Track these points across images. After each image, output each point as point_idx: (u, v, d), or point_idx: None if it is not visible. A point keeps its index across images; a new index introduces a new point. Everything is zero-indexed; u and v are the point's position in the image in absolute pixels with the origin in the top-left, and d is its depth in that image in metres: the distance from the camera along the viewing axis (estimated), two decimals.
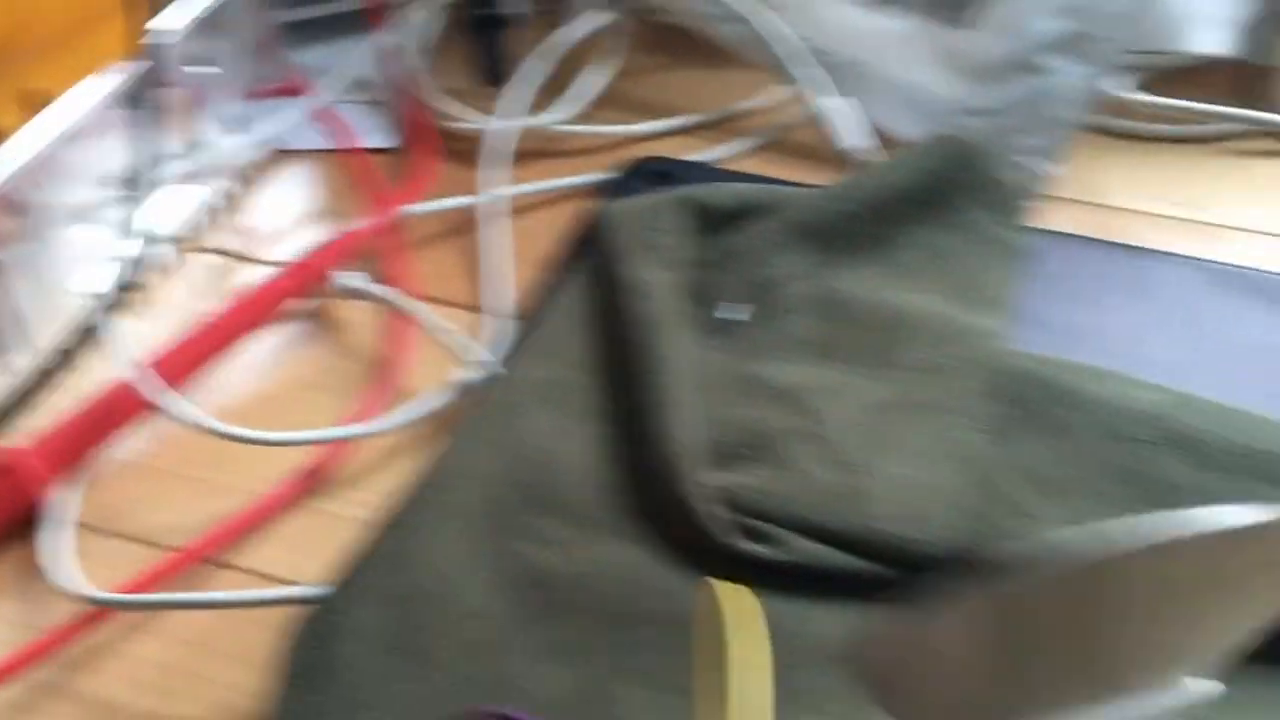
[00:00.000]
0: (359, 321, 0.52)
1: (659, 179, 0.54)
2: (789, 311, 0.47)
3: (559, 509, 0.41)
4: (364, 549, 0.39)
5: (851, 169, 0.56)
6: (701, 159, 0.59)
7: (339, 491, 0.45)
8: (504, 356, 0.47)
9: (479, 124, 0.61)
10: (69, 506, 0.44)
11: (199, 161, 0.56)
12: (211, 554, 0.43)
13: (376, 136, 0.62)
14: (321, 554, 0.41)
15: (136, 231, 0.52)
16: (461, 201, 0.57)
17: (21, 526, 0.43)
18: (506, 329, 0.50)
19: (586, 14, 0.66)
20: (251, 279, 0.53)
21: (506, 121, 0.60)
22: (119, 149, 0.51)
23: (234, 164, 0.59)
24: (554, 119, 0.61)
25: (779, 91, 0.62)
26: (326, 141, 0.62)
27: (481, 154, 0.59)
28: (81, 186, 0.50)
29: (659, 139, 0.62)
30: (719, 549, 0.39)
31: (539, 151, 0.61)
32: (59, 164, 0.47)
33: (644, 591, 0.39)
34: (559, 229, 0.54)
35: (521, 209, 0.58)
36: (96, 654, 0.40)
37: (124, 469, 0.46)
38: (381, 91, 0.64)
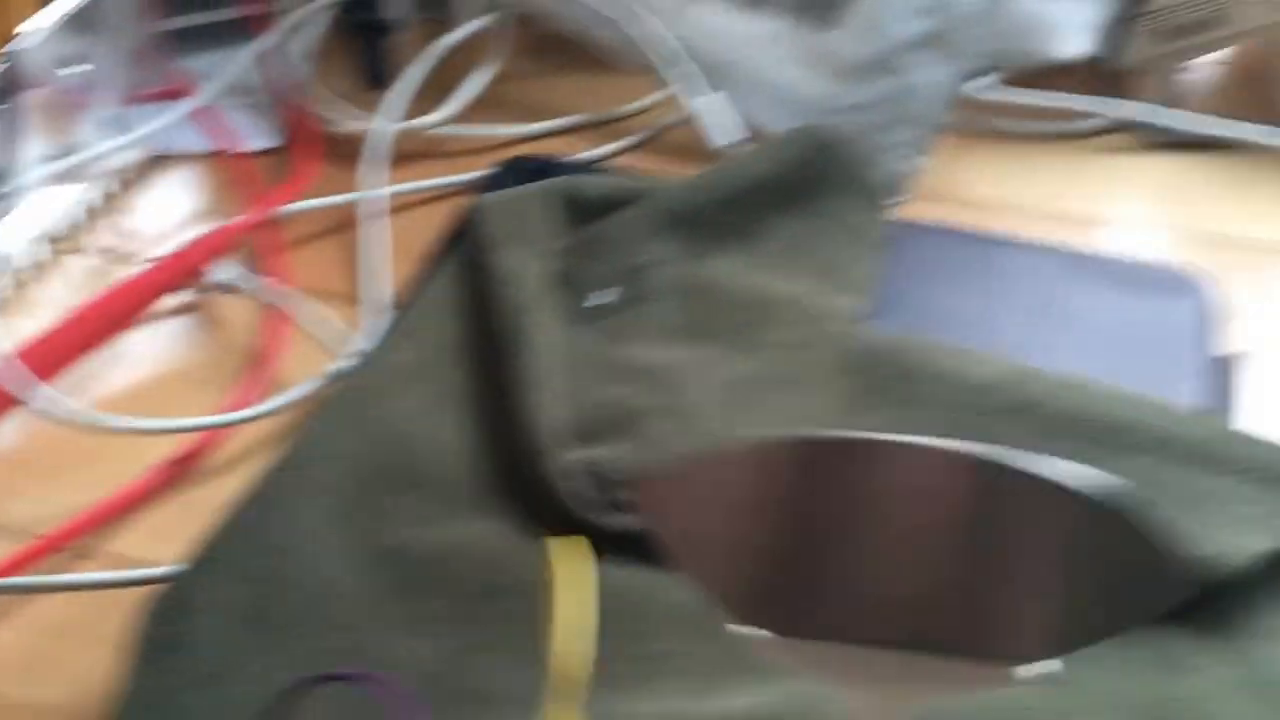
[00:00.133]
0: (235, 316, 0.53)
1: (533, 176, 0.55)
2: (655, 297, 0.48)
3: (423, 488, 0.41)
4: (220, 525, 0.39)
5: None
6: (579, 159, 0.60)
7: (210, 480, 0.46)
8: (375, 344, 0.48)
9: (361, 126, 0.61)
10: None
11: (75, 163, 0.56)
12: (73, 541, 0.43)
13: (258, 139, 0.63)
14: (188, 540, 0.41)
15: (6, 231, 0.52)
16: (341, 199, 0.58)
17: None
18: (383, 322, 0.50)
19: (469, 19, 0.67)
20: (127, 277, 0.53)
21: (387, 123, 0.61)
22: None
23: (112, 166, 0.59)
24: (435, 120, 0.62)
25: (657, 94, 0.63)
26: (207, 144, 0.62)
27: (362, 154, 0.60)
28: None
29: (539, 140, 0.63)
30: (580, 522, 0.40)
31: (421, 153, 0.62)
32: None
33: (505, 565, 0.39)
34: (437, 226, 0.55)
35: (401, 207, 0.58)
36: None
37: None
38: (264, 95, 0.65)
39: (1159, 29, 0.62)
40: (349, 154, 0.60)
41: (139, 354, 0.51)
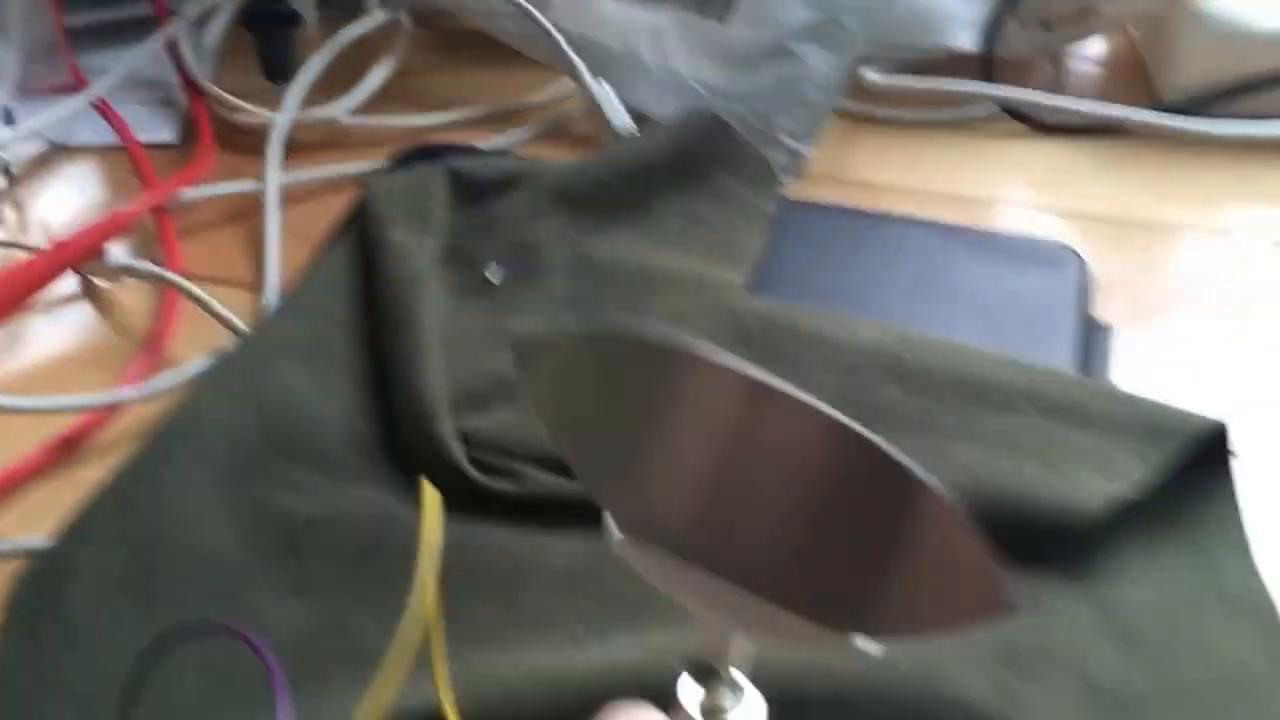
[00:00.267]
0: (131, 300, 0.53)
1: (430, 163, 0.55)
2: (546, 272, 0.49)
3: (308, 456, 0.42)
4: (97, 494, 0.39)
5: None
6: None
7: (98, 459, 0.45)
8: None
9: (262, 117, 0.62)
10: None
11: None
12: None
13: (158, 131, 0.63)
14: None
15: None
16: (238, 187, 0.58)
17: None
18: (277, 304, 0.51)
19: (372, 12, 0.67)
20: None
21: (287, 114, 0.61)
22: None
23: (9, 157, 0.59)
24: (337, 111, 0.63)
25: (558, 85, 0.65)
26: (106, 137, 0.62)
27: (263, 145, 0.60)
28: None
29: (441, 131, 0.63)
30: (462, 487, 0.41)
31: (323, 143, 0.62)
32: None
33: (389, 530, 0.40)
34: (336, 214, 0.56)
35: (302, 196, 0.59)
36: None
37: None
38: (165, 88, 0.65)
39: (1036, 20, 0.64)
40: (251, 145, 0.61)
41: (33, 336, 0.51)
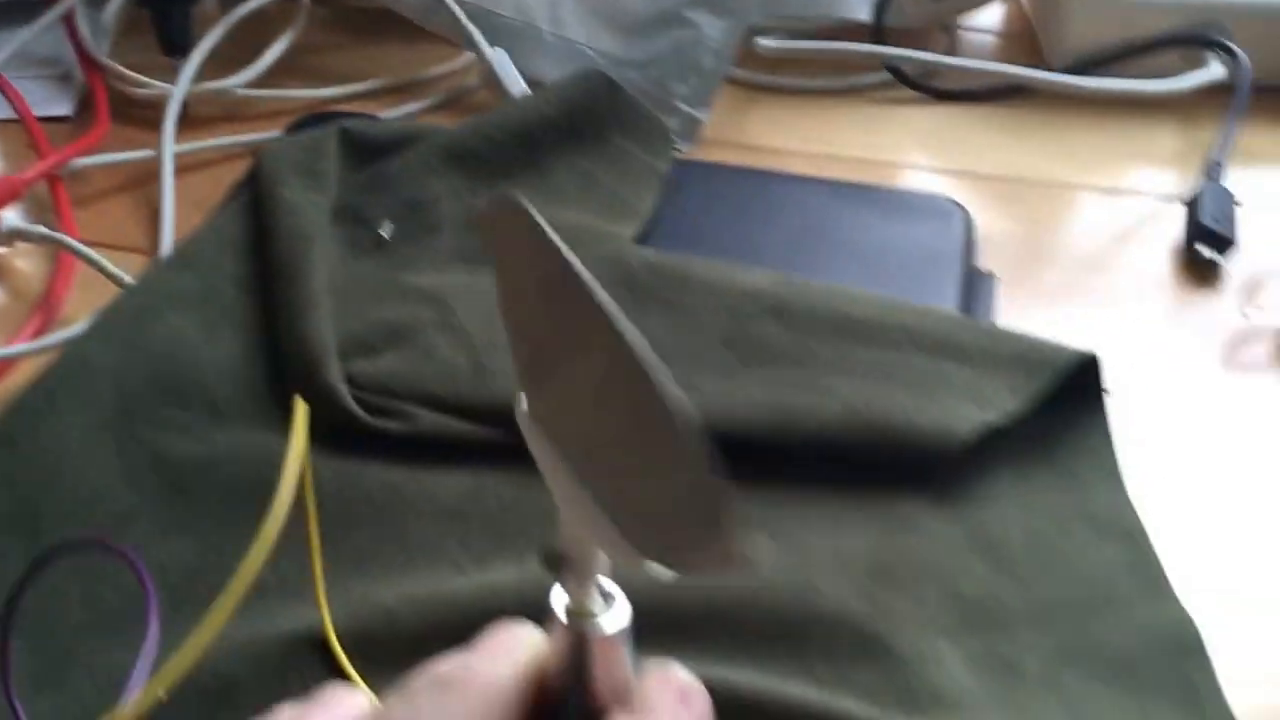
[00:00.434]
0: (23, 264, 0.53)
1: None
2: (438, 228, 0.49)
3: (196, 401, 0.42)
4: None
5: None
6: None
7: None
8: None
9: (158, 90, 0.62)
10: None
11: None
12: None
13: (54, 106, 0.63)
14: None
15: None
16: (132, 155, 0.58)
17: None
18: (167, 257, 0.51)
19: None
20: None
21: (183, 85, 0.61)
22: None
23: None
24: (233, 84, 0.63)
25: (456, 58, 0.65)
26: (2, 111, 0.62)
27: (161, 118, 0.60)
28: None
29: (340, 103, 0.64)
30: (348, 427, 0.41)
31: (223, 116, 0.63)
32: None
33: (275, 468, 0.40)
34: (231, 182, 0.56)
35: (197, 165, 0.59)
36: None
37: None
38: (63, 64, 0.65)
39: None
40: (149, 119, 0.61)
41: None
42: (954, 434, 0.40)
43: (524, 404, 0.26)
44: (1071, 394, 0.43)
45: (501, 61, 0.60)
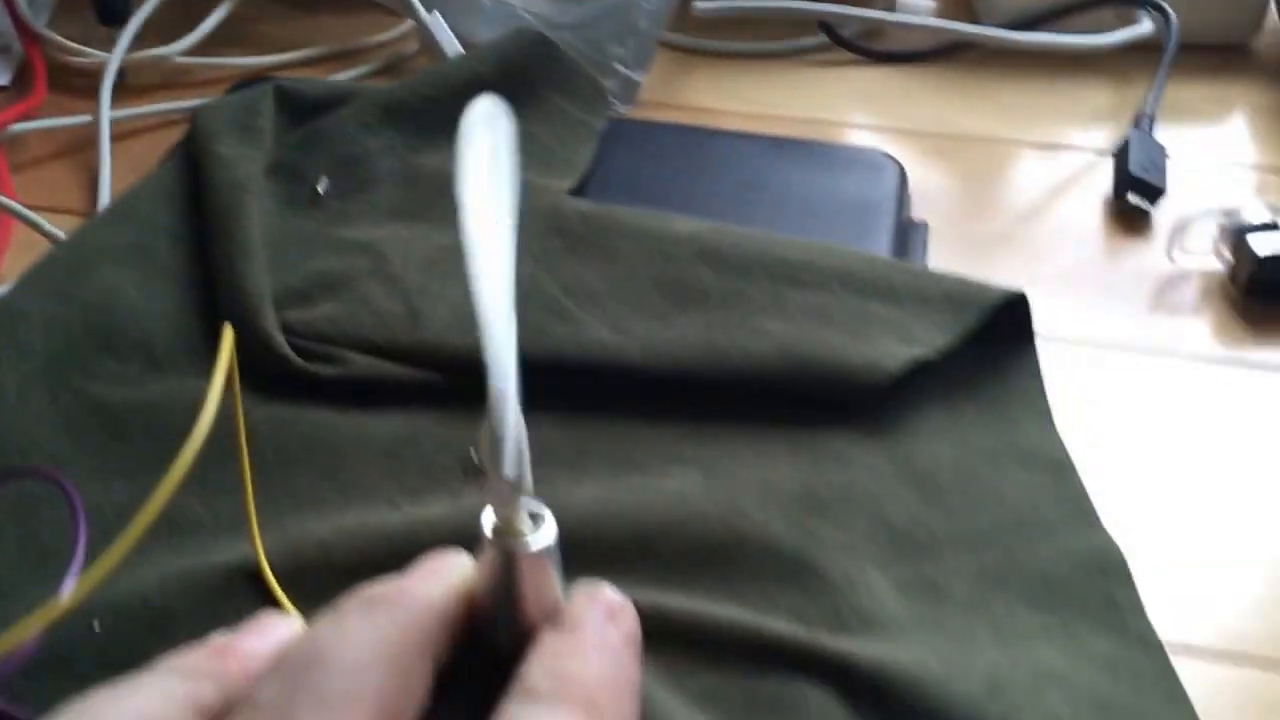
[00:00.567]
0: None
1: None
2: (374, 184, 0.49)
3: (131, 351, 0.42)
4: None
5: None
6: None
7: None
8: None
9: (96, 58, 0.62)
10: None
11: None
12: None
13: None
14: None
15: None
16: (72, 120, 0.58)
17: None
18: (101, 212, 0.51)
19: None
20: None
21: (120, 52, 0.61)
22: None
23: None
24: (172, 51, 0.63)
25: (397, 24, 0.65)
26: None
27: (98, 84, 0.60)
28: None
29: (279, 70, 0.64)
30: (284, 373, 0.41)
31: (162, 84, 0.63)
32: None
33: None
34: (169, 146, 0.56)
35: (135, 131, 0.59)
36: None
37: None
38: (1, 36, 0.65)
39: None
40: (88, 87, 0.60)
41: None
42: (883, 369, 0.40)
43: None
44: (1001, 334, 0.44)
45: (438, 26, 0.60)
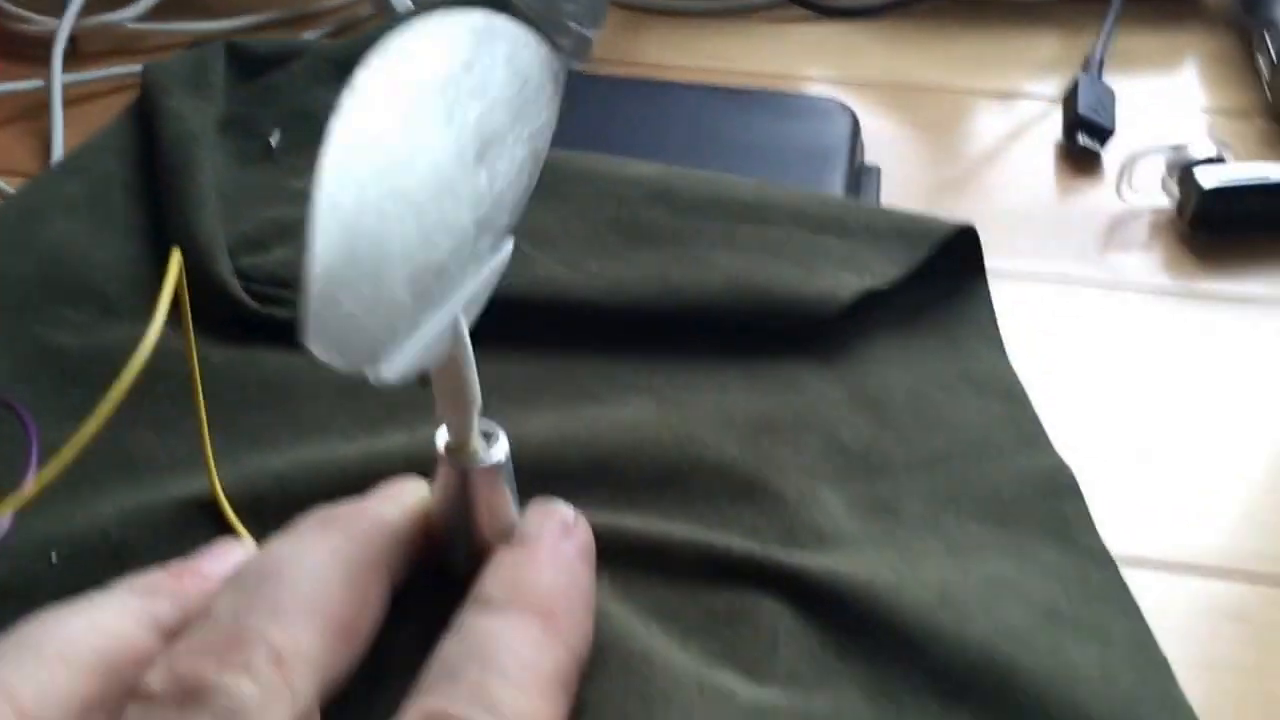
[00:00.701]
0: None
1: None
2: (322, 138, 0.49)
3: (85, 299, 0.42)
4: None
5: None
6: None
7: None
8: None
9: (46, 25, 0.61)
10: None
11: None
12: None
13: None
14: None
15: None
16: (23, 86, 0.58)
17: None
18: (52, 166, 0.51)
19: None
20: None
21: (71, 16, 0.61)
22: None
23: None
24: (123, 17, 0.62)
25: None
26: None
27: (50, 52, 0.60)
28: None
29: (232, 35, 0.63)
30: (239, 317, 0.41)
31: (115, 50, 0.63)
32: None
33: (166, 359, 0.40)
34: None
35: (88, 96, 0.59)
36: None
37: None
38: None
39: None
40: (40, 56, 0.60)
41: None
42: (834, 299, 0.40)
43: None
44: (953, 267, 0.44)
45: None
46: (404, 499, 0.31)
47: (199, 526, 0.34)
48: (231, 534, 0.33)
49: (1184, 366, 0.43)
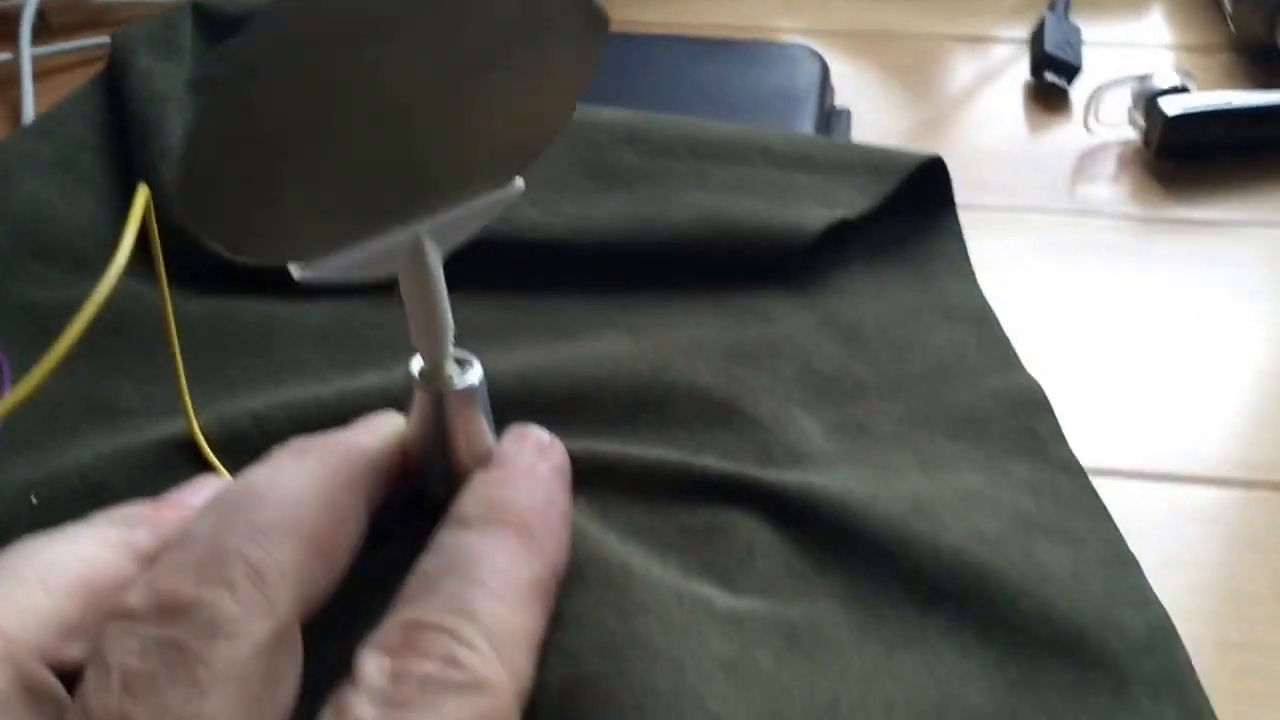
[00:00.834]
0: None
1: None
2: None
3: (58, 256, 0.42)
4: None
5: None
6: None
7: None
8: None
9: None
10: None
11: None
12: None
13: None
14: None
15: None
16: None
17: None
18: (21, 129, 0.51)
19: None
20: None
21: None
22: None
23: None
24: None
25: None
26: None
27: (18, 23, 0.60)
28: None
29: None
30: (215, 266, 0.41)
31: (83, 23, 0.63)
32: None
33: (139, 308, 0.40)
34: None
35: (57, 68, 0.59)
36: None
37: None
38: None
39: None
40: (8, 31, 0.60)
41: None
42: (804, 230, 0.41)
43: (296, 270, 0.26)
44: (922, 200, 0.45)
45: None
46: (380, 429, 0.31)
47: (177, 466, 0.34)
48: (210, 472, 0.34)
49: (1151, 290, 0.44)
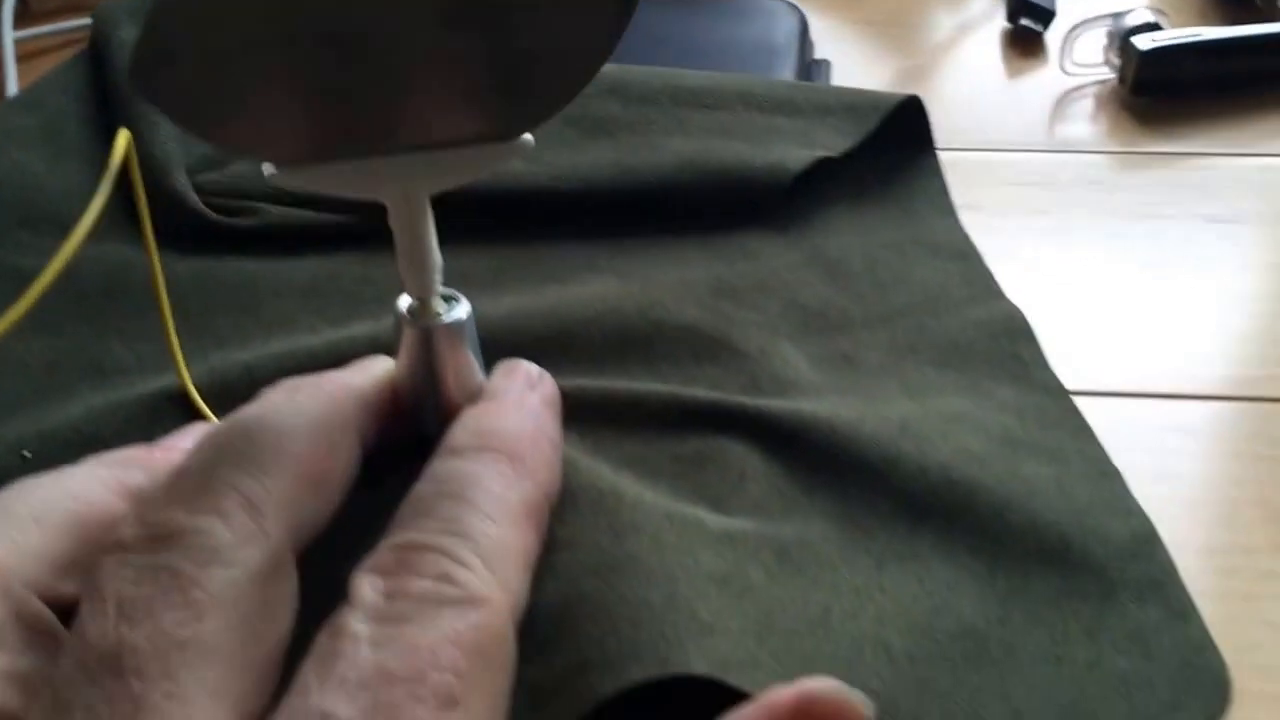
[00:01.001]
0: None
1: None
2: None
3: (46, 223, 0.43)
4: None
5: None
6: None
7: None
8: None
9: None
10: None
11: None
12: None
13: None
14: None
15: None
16: None
17: None
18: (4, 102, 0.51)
19: None
20: None
21: None
22: None
23: None
24: None
25: None
26: None
27: (0, 6, 0.60)
28: None
29: None
30: (199, 229, 0.42)
31: (65, 8, 0.63)
32: None
33: (128, 273, 0.41)
34: None
35: (39, 51, 0.60)
36: None
37: None
38: None
39: None
40: None
41: None
42: (786, 170, 0.41)
43: (268, 168, 0.26)
44: (903, 141, 0.45)
45: None
46: (370, 369, 0.32)
47: (169, 417, 0.34)
48: (202, 420, 0.34)
49: (1129, 220, 0.44)
